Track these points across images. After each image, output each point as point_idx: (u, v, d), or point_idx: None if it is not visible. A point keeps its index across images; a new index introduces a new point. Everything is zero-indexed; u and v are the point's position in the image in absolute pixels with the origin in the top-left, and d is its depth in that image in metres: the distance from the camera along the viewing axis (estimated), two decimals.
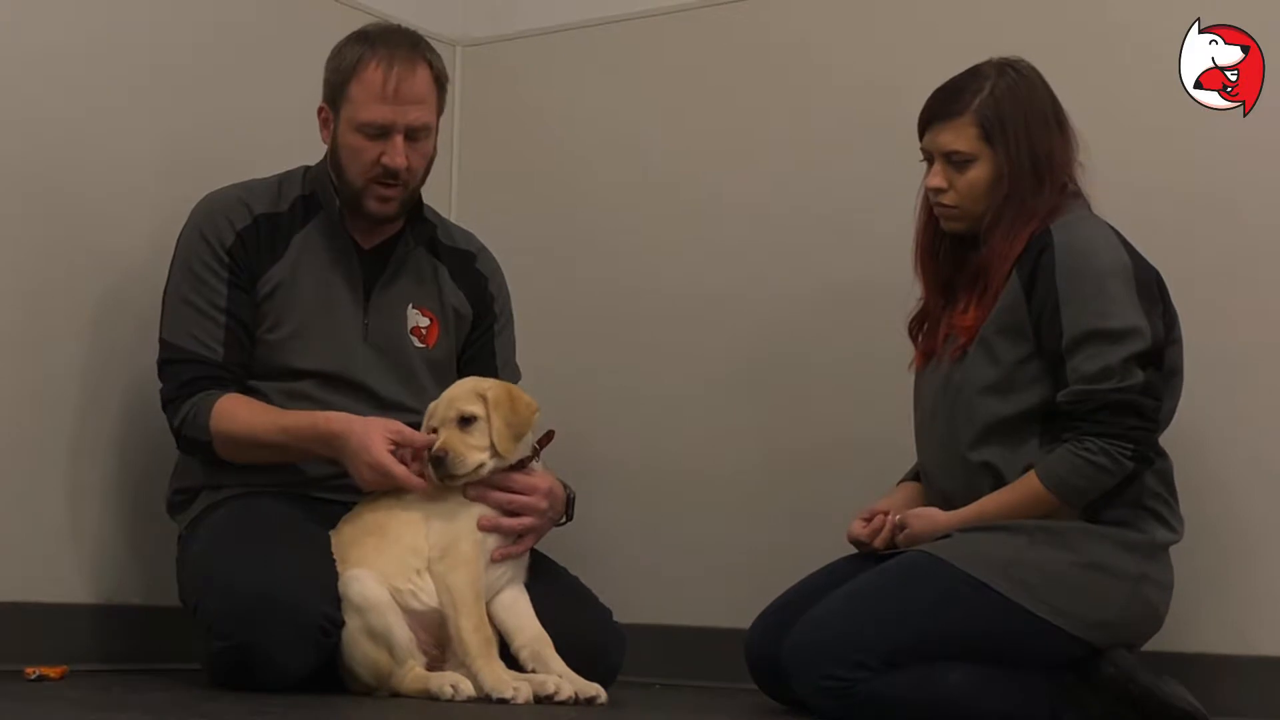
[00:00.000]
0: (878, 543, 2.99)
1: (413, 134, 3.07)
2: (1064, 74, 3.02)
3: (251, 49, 3.61)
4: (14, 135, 3.18)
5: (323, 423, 2.94)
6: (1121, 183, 3.14)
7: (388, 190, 3.08)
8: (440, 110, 3.15)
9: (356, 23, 3.26)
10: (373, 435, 2.87)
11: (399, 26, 3.16)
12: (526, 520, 2.92)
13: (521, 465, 2.94)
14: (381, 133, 3.05)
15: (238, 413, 2.99)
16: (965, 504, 2.91)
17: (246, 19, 3.62)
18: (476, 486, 2.89)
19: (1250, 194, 3.22)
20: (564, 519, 3.05)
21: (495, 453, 2.87)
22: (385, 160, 3.05)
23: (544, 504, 2.95)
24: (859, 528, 3.02)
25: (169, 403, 3.05)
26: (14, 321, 3.17)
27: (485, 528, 2.88)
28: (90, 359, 3.27)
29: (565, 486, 3.04)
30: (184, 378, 3.02)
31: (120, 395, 3.30)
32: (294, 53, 3.45)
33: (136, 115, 3.38)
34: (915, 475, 3.12)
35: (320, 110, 3.14)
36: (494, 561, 2.89)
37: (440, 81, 3.12)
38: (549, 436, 3.00)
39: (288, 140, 3.32)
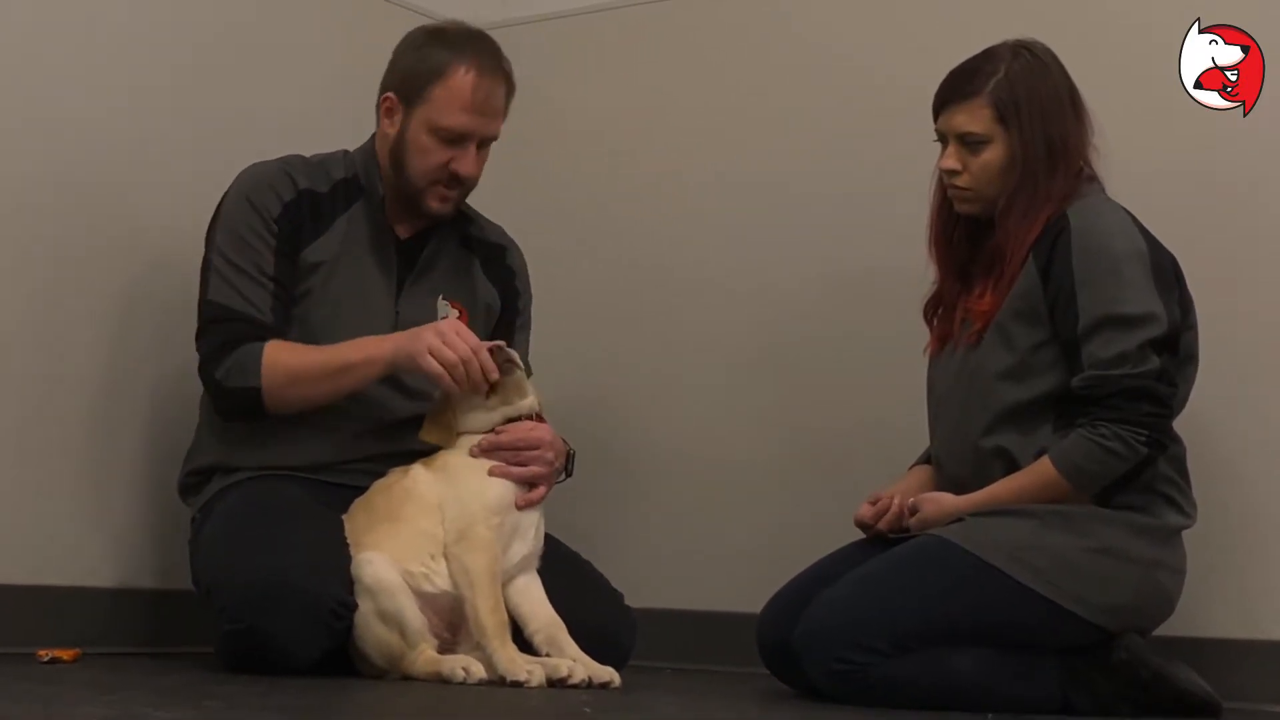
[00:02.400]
0: (882, 524, 2.99)
1: (484, 143, 3.09)
2: None
3: (279, 37, 3.61)
4: (36, 130, 3.18)
5: (382, 338, 2.97)
6: (1122, 182, 3.12)
7: (449, 191, 3.10)
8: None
9: (374, 14, 3.25)
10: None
11: (477, 31, 3.13)
12: (534, 469, 2.93)
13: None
14: (458, 140, 3.05)
15: (284, 348, 2.97)
16: (977, 489, 2.91)
17: (263, 12, 3.62)
18: (485, 445, 2.93)
19: (1251, 194, 3.21)
20: (564, 475, 3.06)
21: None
22: (455, 167, 3.06)
23: (550, 454, 2.96)
24: (866, 511, 3.02)
25: (210, 359, 2.99)
26: (33, 310, 3.18)
27: (496, 474, 2.90)
28: (106, 346, 3.28)
29: (565, 442, 3.05)
30: (230, 335, 2.98)
31: (137, 380, 3.30)
32: (312, 45, 3.46)
33: (156, 108, 3.38)
34: (928, 459, 3.12)
35: (385, 99, 3.10)
36: (519, 508, 2.91)
37: (513, 91, 3.13)
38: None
39: (307, 131, 3.32)
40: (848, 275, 3.60)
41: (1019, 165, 2.91)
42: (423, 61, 3.07)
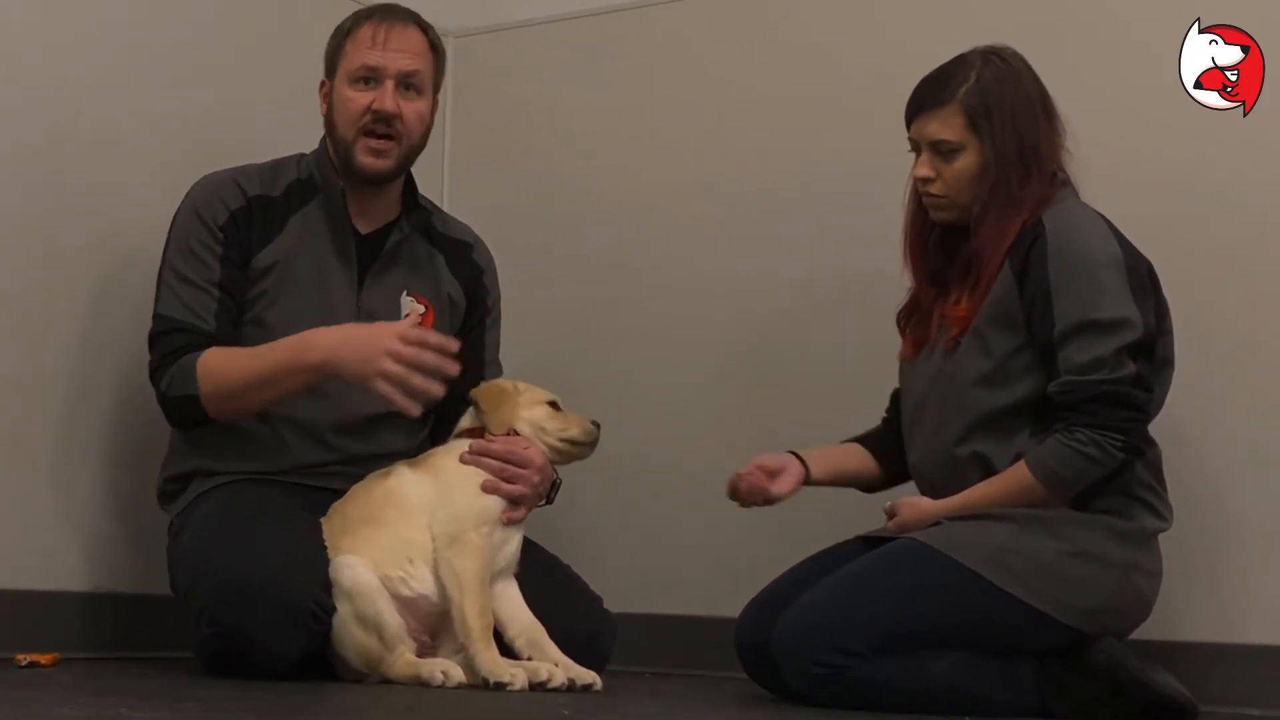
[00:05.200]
0: (742, 488, 3.07)
1: (405, 81, 3.10)
2: (1064, 74, 3.03)
3: (251, 34, 3.61)
4: (7, 128, 3.17)
5: (309, 333, 2.95)
6: (1121, 182, 3.14)
7: (379, 143, 3.10)
8: (435, 79, 3.18)
9: (355, 8, 3.27)
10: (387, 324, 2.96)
11: (399, 4, 3.20)
12: (520, 489, 2.94)
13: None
14: (372, 77, 3.09)
15: (221, 356, 2.99)
16: (954, 494, 2.92)
17: (239, 11, 3.61)
18: (477, 449, 2.95)
19: (1250, 193, 3.22)
20: (545, 501, 3.06)
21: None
22: (375, 105, 3.08)
23: (536, 478, 2.97)
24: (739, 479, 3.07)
25: (156, 371, 3.04)
26: (8, 310, 3.17)
27: (488, 489, 2.91)
28: (83, 347, 3.27)
29: (555, 471, 3.06)
30: (174, 345, 3.02)
31: (113, 383, 3.29)
32: (293, 38, 3.46)
33: (134, 101, 3.38)
34: (860, 438, 3.15)
35: (321, 85, 3.18)
36: (502, 525, 2.91)
37: (435, 47, 3.18)
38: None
39: (286, 127, 3.33)
40: (827, 280, 3.60)
41: (992, 172, 2.91)
42: (337, 32, 3.17)
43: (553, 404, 3.06)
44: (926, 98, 2.96)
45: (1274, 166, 3.21)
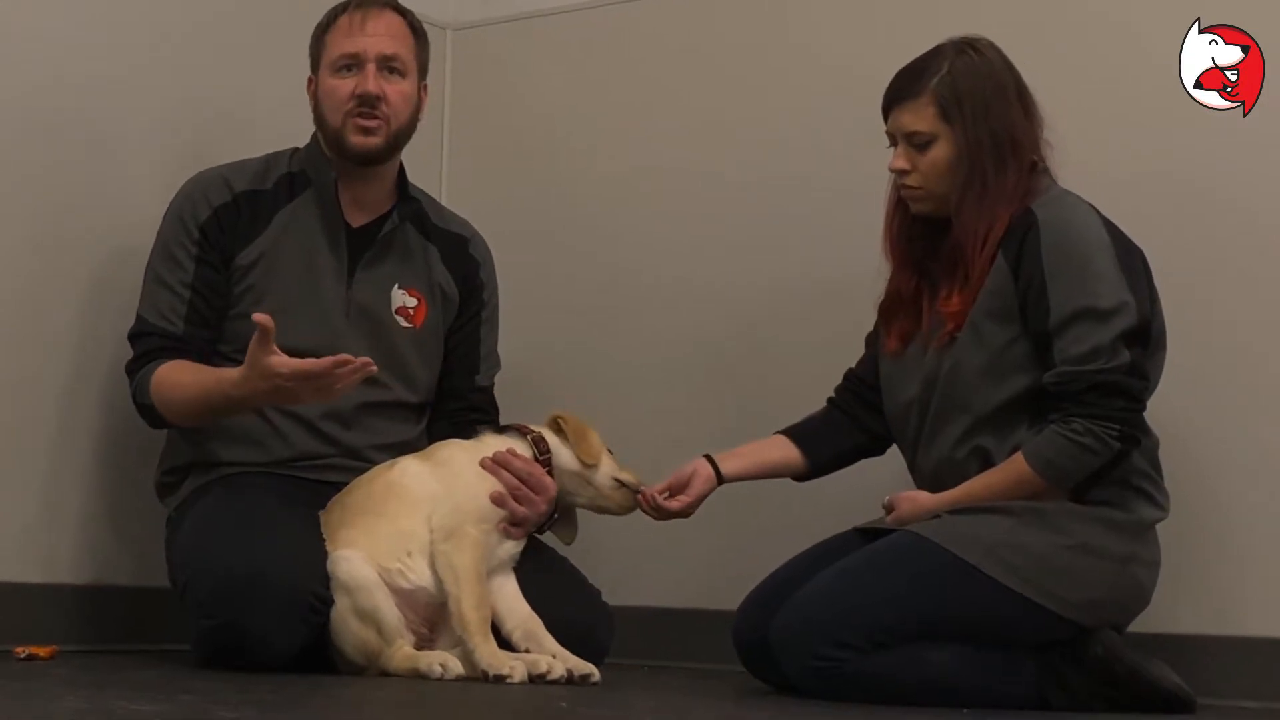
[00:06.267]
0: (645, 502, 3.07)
1: (386, 64, 3.12)
2: (1063, 74, 3.02)
3: (249, 28, 3.61)
4: (8, 117, 3.17)
5: (245, 387, 2.88)
6: (1121, 182, 3.14)
7: (367, 121, 3.10)
8: (420, 61, 3.19)
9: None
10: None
11: None
12: (525, 512, 2.93)
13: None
14: (353, 63, 3.10)
15: (171, 375, 3.01)
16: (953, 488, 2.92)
17: (241, 3, 3.61)
18: (500, 460, 2.94)
19: (1250, 193, 3.22)
20: (537, 529, 3.06)
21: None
22: (358, 90, 3.09)
23: (544, 507, 2.97)
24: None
25: (129, 374, 3.08)
26: (3, 303, 3.17)
27: (495, 500, 2.90)
28: (80, 340, 3.27)
29: (557, 506, 3.06)
30: (144, 348, 3.05)
31: (109, 376, 3.28)
32: (291, 32, 3.45)
33: (132, 97, 3.37)
34: (788, 429, 3.16)
35: (309, 83, 3.19)
36: (499, 533, 2.90)
37: (415, 30, 3.19)
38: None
39: (283, 121, 3.32)
40: (823, 276, 3.60)
41: (965, 162, 2.90)
42: (315, 30, 3.19)
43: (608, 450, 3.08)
44: (900, 90, 2.96)
45: (1274, 166, 3.20)
